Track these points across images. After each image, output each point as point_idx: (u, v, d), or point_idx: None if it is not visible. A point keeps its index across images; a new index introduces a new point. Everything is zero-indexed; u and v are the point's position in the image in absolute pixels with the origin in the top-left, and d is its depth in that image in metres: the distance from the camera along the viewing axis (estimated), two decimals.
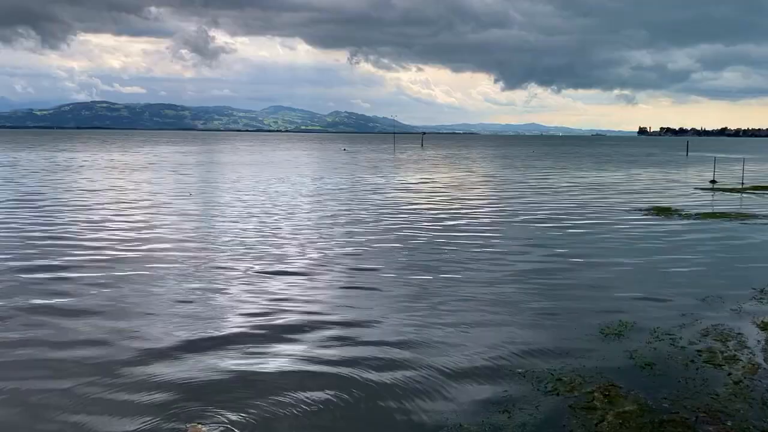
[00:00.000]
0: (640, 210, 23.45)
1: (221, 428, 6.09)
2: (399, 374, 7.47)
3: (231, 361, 7.79)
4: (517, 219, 20.68)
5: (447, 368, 7.67)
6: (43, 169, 44.17)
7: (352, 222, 19.27)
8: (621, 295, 11.11)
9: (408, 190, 31.15)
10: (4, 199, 25.12)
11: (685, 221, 20.56)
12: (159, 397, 6.78)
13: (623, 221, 20.47)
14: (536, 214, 21.74)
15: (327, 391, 6.97)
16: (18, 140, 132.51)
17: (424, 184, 35.69)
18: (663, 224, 19.88)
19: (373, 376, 7.42)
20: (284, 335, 8.68)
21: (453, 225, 19.11)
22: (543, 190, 32.11)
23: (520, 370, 7.62)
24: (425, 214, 21.80)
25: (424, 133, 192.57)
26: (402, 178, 39.50)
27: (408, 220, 19.88)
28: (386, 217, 20.54)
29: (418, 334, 8.93)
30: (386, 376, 7.39)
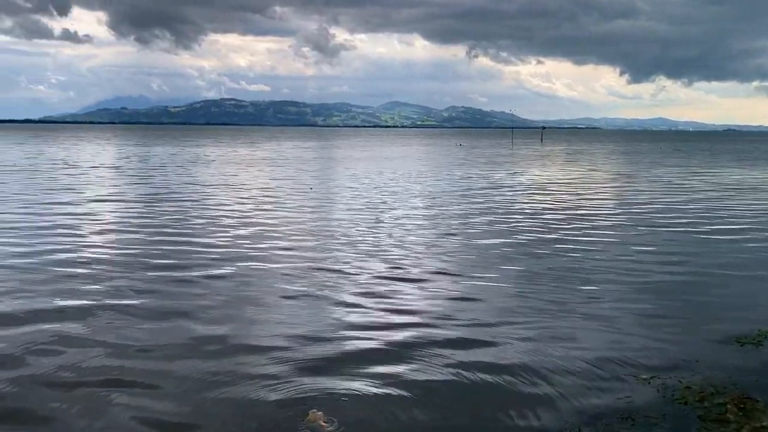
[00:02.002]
0: None
1: (339, 417, 6.24)
2: (516, 378, 7.33)
3: (342, 360, 7.87)
4: (645, 222, 19.14)
5: (568, 372, 7.44)
6: (186, 162, 47.13)
7: (467, 223, 18.76)
8: (764, 305, 10.29)
9: (526, 188, 30.28)
10: (144, 193, 26.98)
11: None
12: (276, 387, 7.00)
13: None
14: (667, 217, 20.16)
15: (438, 394, 6.96)
16: (152, 135, 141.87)
17: (543, 181, 34.61)
18: None
19: (490, 379, 7.32)
20: (393, 342, 8.54)
21: (574, 227, 18.14)
22: (674, 190, 29.83)
23: (644, 377, 7.27)
24: (544, 214, 20.95)
25: (544, 128, 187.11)
26: (519, 175, 38.51)
27: (525, 222, 19.09)
28: (503, 218, 19.94)
29: (538, 339, 8.71)
30: (503, 379, 7.28)
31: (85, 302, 10.05)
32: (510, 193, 27.73)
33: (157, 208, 21.40)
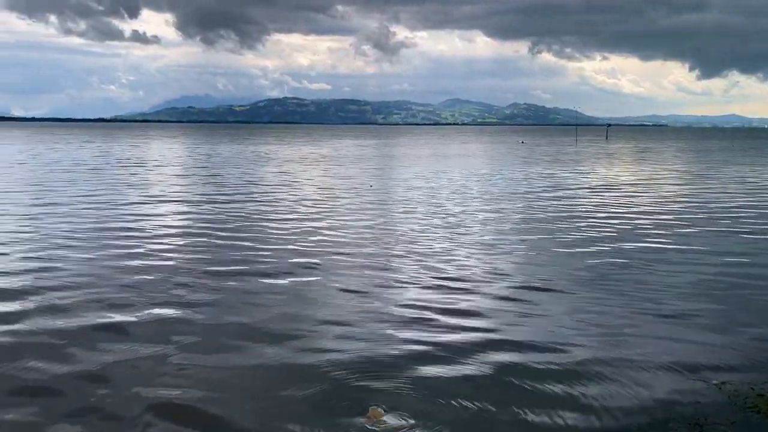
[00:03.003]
0: None
1: (399, 413, 6.28)
2: (580, 381, 7.23)
3: (403, 358, 7.89)
4: (718, 225, 18.06)
5: (635, 375, 7.29)
6: (248, 160, 48.19)
7: (530, 224, 18.21)
8: None
9: (590, 188, 29.52)
10: (205, 192, 27.69)
11: None
12: (338, 382, 7.11)
13: None
14: (742, 221, 18.87)
15: (495, 393, 6.94)
16: (217, 133, 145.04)
17: (611, 180, 33.66)
18: None
19: (551, 381, 7.25)
20: (453, 342, 8.51)
21: (640, 230, 17.34)
22: (750, 191, 27.94)
23: (714, 382, 7.03)
24: (609, 215, 20.20)
25: (609, 125, 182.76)
26: (585, 174, 37.62)
27: (592, 223, 18.37)
28: (567, 219, 19.40)
29: (603, 342, 8.55)
30: (565, 382, 7.18)
31: (147, 301, 10.39)
32: (575, 193, 27.00)
33: (217, 207, 21.87)
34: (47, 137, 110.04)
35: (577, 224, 18.11)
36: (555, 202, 23.29)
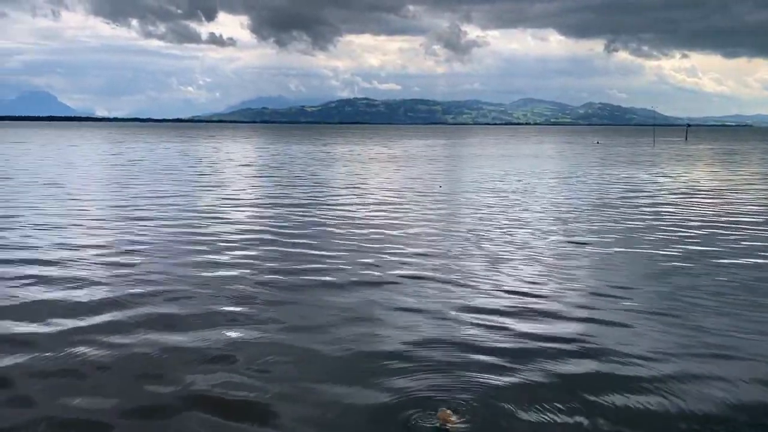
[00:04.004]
0: None
1: (469, 416, 6.14)
2: (668, 394, 6.89)
3: (473, 363, 7.73)
4: None
5: (726, 390, 6.89)
6: (319, 160, 48.87)
7: (606, 231, 16.95)
8: None
9: (672, 192, 27.98)
10: (276, 193, 28.12)
11: None
12: (406, 386, 7.01)
13: None
14: None
15: (568, 400, 6.71)
16: (290, 134, 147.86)
17: (692, 184, 31.94)
18: None
19: (633, 392, 6.92)
20: (523, 349, 8.26)
21: (721, 239, 16.00)
22: None
23: None
24: (689, 221, 18.98)
25: (689, 125, 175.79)
26: (662, 176, 36.10)
27: (673, 230, 17.11)
28: (647, 226, 18.26)
29: (693, 354, 8.12)
30: (651, 393, 6.90)
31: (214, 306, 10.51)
32: (654, 197, 25.47)
33: (286, 210, 22.11)
34: (128, 137, 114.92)
35: (661, 231, 17.04)
36: (636, 206, 22.40)
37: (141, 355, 7.73)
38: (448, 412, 6.17)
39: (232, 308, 9.64)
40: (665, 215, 19.98)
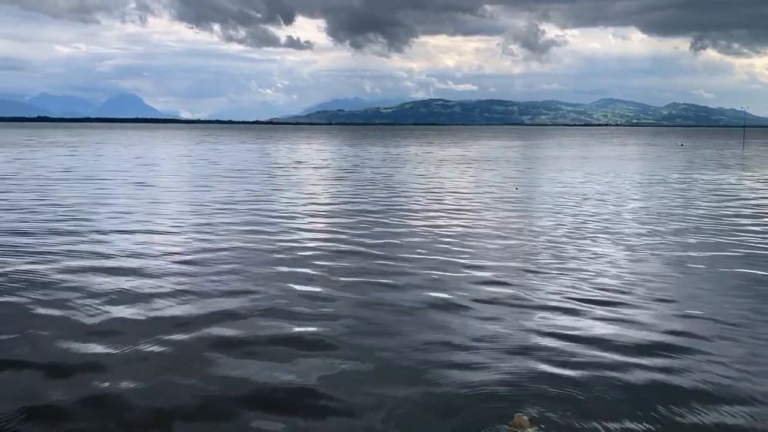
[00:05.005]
0: None
1: (544, 422, 6.15)
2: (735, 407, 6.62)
3: (547, 370, 7.72)
4: None
5: None
6: (393, 161, 49.19)
7: (684, 242, 16.01)
8: None
9: (759, 200, 26.26)
10: (346, 200, 28.46)
11: None
12: (482, 390, 7.06)
13: None
14: None
15: (642, 407, 6.62)
16: (367, 135, 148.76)
17: None
18: None
19: (705, 402, 6.71)
20: (597, 356, 8.18)
21: None
22: None
23: None
24: None
25: None
26: (755, 183, 33.99)
27: (761, 242, 16.11)
28: (732, 236, 17.22)
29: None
30: (719, 402, 6.67)
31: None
32: (742, 206, 23.83)
33: (361, 215, 22.28)
34: (210, 138, 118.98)
35: (741, 241, 16.20)
36: (716, 215, 21.38)
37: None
38: (525, 418, 6.19)
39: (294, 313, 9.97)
40: (750, 223, 19.02)
